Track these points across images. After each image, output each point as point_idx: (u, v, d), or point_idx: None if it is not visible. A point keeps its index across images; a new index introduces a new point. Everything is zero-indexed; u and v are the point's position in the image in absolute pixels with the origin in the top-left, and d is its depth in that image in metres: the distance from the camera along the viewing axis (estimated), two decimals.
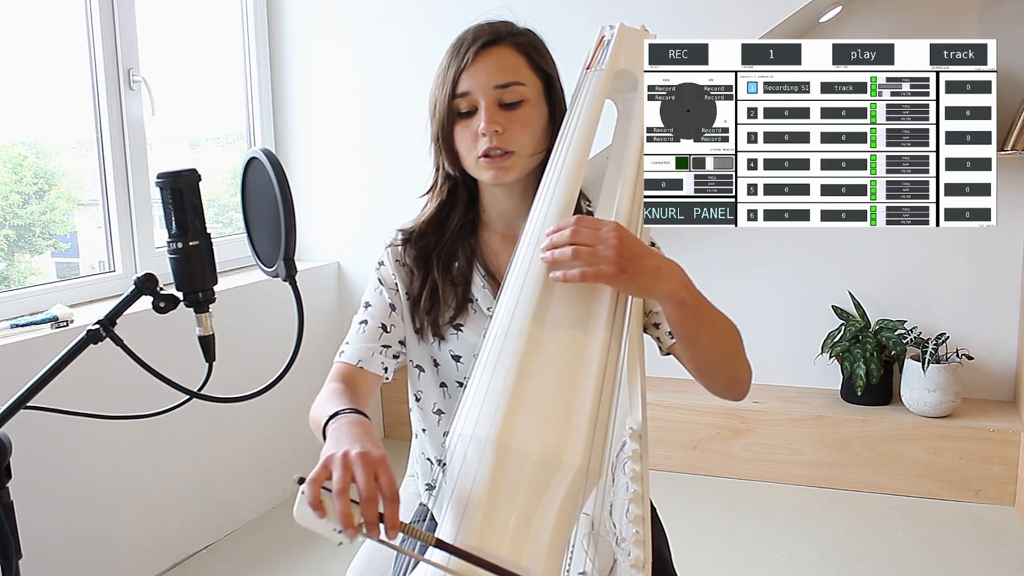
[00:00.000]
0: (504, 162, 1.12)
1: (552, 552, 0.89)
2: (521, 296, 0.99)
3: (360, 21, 2.95)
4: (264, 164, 0.94)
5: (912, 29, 2.83)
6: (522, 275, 1.01)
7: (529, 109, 1.12)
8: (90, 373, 1.62)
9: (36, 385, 0.89)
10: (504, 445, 0.91)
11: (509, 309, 0.99)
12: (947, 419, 2.77)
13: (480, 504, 0.89)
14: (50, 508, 2.05)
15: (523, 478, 0.90)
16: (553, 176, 1.06)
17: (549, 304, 0.99)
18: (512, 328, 0.97)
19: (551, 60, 1.17)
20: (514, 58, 1.13)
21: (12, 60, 2.27)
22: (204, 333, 0.96)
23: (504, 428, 0.91)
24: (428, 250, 1.21)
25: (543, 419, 0.93)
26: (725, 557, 2.43)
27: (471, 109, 1.12)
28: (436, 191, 1.23)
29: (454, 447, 0.94)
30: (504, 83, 1.11)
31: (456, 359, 1.20)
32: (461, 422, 0.95)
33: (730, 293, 3.22)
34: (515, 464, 0.90)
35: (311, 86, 3.03)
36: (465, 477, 0.91)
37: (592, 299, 0.99)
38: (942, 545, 2.46)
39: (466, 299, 1.20)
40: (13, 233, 2.34)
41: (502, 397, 0.93)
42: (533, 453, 0.91)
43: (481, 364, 0.97)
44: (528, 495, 0.90)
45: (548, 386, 0.95)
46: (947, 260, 2.96)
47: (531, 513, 0.90)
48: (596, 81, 1.09)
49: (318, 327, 3.00)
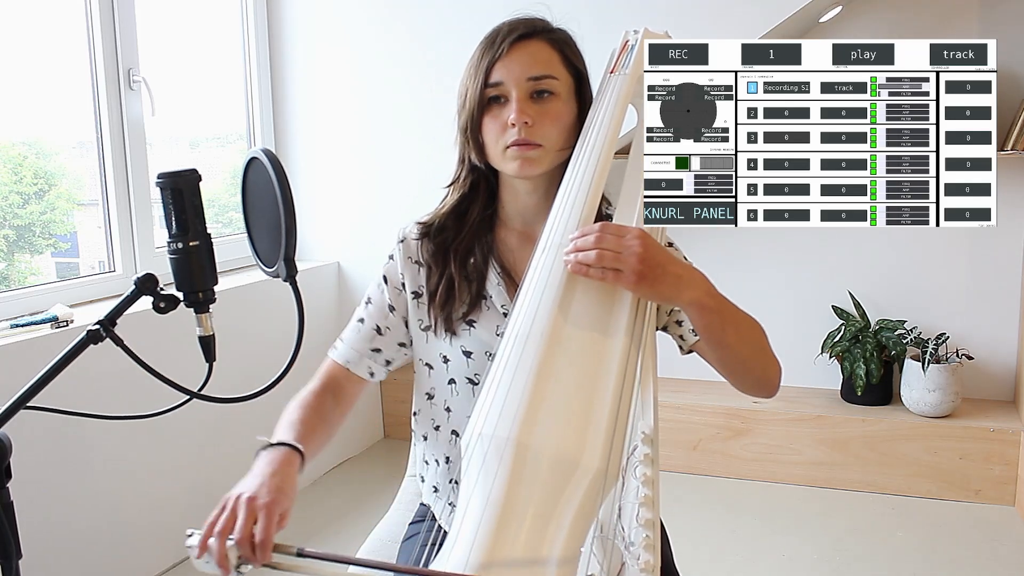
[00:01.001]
0: (530, 152, 1.12)
1: (567, 552, 0.89)
2: (543, 298, 0.99)
3: (360, 21, 2.95)
4: (264, 164, 0.94)
5: (912, 29, 2.83)
6: (544, 277, 1.01)
7: (559, 104, 1.13)
8: (90, 373, 1.62)
9: (36, 385, 0.88)
10: (523, 446, 0.90)
11: (531, 310, 0.99)
12: (947, 419, 2.77)
13: (497, 504, 0.89)
14: (50, 508, 2.05)
15: (541, 479, 0.90)
16: (576, 178, 1.07)
17: (571, 307, 0.99)
18: (534, 330, 0.97)
19: (583, 60, 1.18)
20: (548, 52, 1.13)
21: (12, 60, 2.27)
22: (204, 333, 0.96)
23: (524, 429, 0.91)
24: (446, 244, 1.21)
25: (563, 421, 0.93)
26: (725, 557, 2.43)
27: (503, 99, 1.13)
28: (459, 184, 1.23)
29: (472, 446, 0.94)
30: (537, 75, 1.11)
31: (467, 355, 1.20)
32: (480, 421, 0.94)
33: (730, 293, 3.21)
34: (533, 465, 0.90)
35: (311, 86, 3.03)
36: (484, 477, 0.91)
37: (614, 303, 1.00)
38: (942, 545, 2.46)
39: (480, 295, 1.19)
40: (13, 233, 2.35)
41: (522, 398, 0.93)
42: (552, 454, 0.91)
43: (501, 364, 0.97)
44: (546, 496, 0.90)
45: (568, 388, 0.95)
46: (947, 260, 2.96)
47: (548, 514, 0.89)
48: (619, 85, 1.09)
49: (318, 327, 3.00)
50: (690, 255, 1.24)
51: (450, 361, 1.21)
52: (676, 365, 1.20)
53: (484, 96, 1.13)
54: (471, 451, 0.94)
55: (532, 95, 1.12)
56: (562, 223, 1.04)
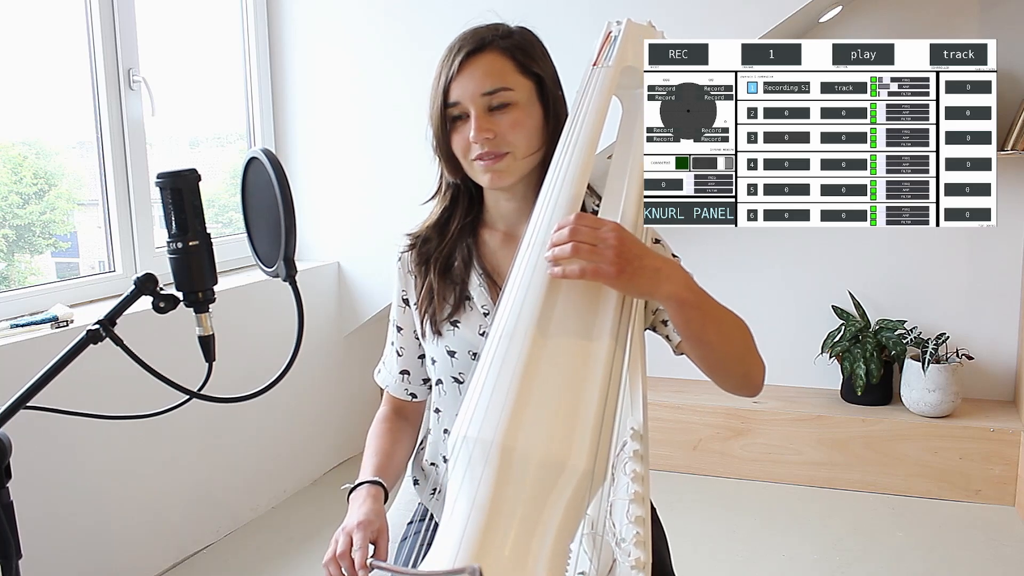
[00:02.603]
0: (498, 164, 1.13)
1: (555, 555, 0.89)
2: (526, 298, 0.99)
3: (360, 21, 2.95)
4: (264, 164, 0.94)
5: (912, 29, 2.84)
6: (527, 277, 1.00)
7: (519, 112, 1.12)
8: (90, 373, 1.62)
9: (36, 385, 0.88)
10: (508, 448, 0.90)
11: (514, 311, 0.99)
12: (947, 419, 2.77)
13: (483, 507, 0.89)
14: (50, 508, 2.05)
15: (527, 481, 0.90)
16: (559, 174, 1.06)
17: (555, 307, 0.98)
18: (517, 330, 0.97)
19: (543, 60, 1.17)
20: (500, 63, 1.13)
21: (12, 60, 2.27)
22: (204, 333, 0.96)
23: (508, 431, 0.91)
24: (429, 254, 1.24)
25: (549, 422, 0.92)
26: (725, 557, 2.43)
27: (464, 116, 1.13)
28: (440, 196, 1.26)
29: (458, 449, 0.94)
30: (491, 90, 1.11)
31: (451, 355, 1.22)
32: (465, 424, 0.94)
33: (730, 293, 3.21)
34: (520, 467, 0.90)
35: (311, 86, 3.03)
36: (469, 480, 0.91)
37: (598, 302, 0.99)
38: (942, 545, 2.46)
39: (464, 297, 1.21)
40: (13, 233, 2.34)
41: (507, 400, 0.93)
42: (538, 456, 0.90)
43: (485, 366, 0.97)
44: (532, 498, 0.89)
45: (553, 390, 0.94)
46: (947, 260, 2.96)
47: (535, 516, 0.89)
48: (603, 78, 1.08)
49: (318, 327, 3.00)
50: (690, 255, 1.24)
51: (436, 362, 1.24)
52: (676, 365, 1.19)
53: (446, 116, 1.14)
54: (456, 453, 0.94)
55: (489, 109, 1.12)
56: (545, 220, 1.03)
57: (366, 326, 3.15)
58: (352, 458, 3.20)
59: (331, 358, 3.09)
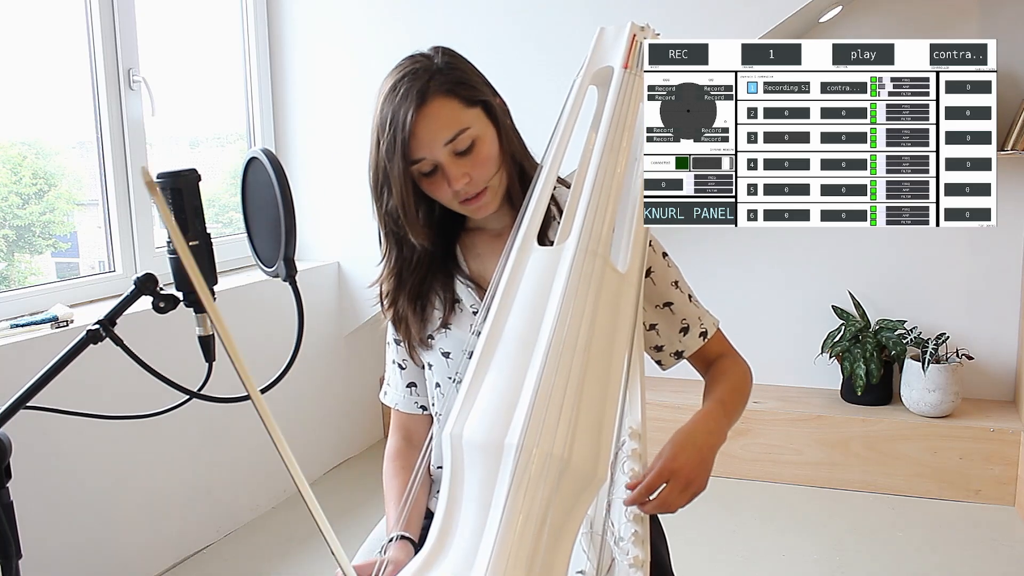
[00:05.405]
0: (481, 200, 1.14)
1: (559, 554, 0.89)
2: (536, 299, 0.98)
3: (360, 21, 2.95)
4: (264, 164, 0.94)
5: (912, 29, 2.83)
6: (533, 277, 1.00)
7: (481, 144, 1.12)
8: (90, 373, 1.62)
9: (36, 385, 0.88)
10: (542, 455, 0.89)
11: (522, 314, 0.98)
12: (947, 419, 2.77)
13: (514, 514, 0.88)
14: (50, 508, 2.05)
15: (562, 489, 0.88)
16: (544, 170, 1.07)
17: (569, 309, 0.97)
18: (528, 332, 0.96)
19: (476, 79, 1.14)
20: (448, 106, 1.10)
21: (12, 60, 2.27)
22: (204, 333, 0.96)
23: (530, 435, 0.89)
24: (396, 299, 1.24)
25: (581, 431, 0.91)
26: (725, 557, 2.43)
27: (432, 169, 1.12)
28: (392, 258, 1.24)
29: (462, 451, 0.93)
30: (450, 137, 1.09)
31: (446, 356, 1.22)
32: (472, 426, 0.93)
33: (730, 293, 3.22)
34: (553, 475, 0.88)
35: (311, 86, 3.03)
36: (483, 485, 0.90)
37: (618, 318, 0.99)
38: (942, 545, 2.46)
39: (453, 302, 1.22)
40: (13, 233, 2.34)
41: (530, 403, 0.91)
42: (573, 465, 0.89)
43: (494, 367, 0.96)
44: (562, 506, 0.88)
45: (589, 400, 0.93)
46: (947, 260, 2.96)
47: (560, 523, 0.88)
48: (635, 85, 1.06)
49: (318, 327, 3.00)
50: (690, 255, 1.25)
51: (433, 366, 1.25)
52: (675, 365, 1.20)
53: (415, 173, 1.13)
54: (461, 456, 0.93)
55: (455, 154, 1.11)
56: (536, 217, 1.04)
57: (366, 326, 3.15)
58: (352, 458, 3.20)
59: (331, 358, 3.09)
